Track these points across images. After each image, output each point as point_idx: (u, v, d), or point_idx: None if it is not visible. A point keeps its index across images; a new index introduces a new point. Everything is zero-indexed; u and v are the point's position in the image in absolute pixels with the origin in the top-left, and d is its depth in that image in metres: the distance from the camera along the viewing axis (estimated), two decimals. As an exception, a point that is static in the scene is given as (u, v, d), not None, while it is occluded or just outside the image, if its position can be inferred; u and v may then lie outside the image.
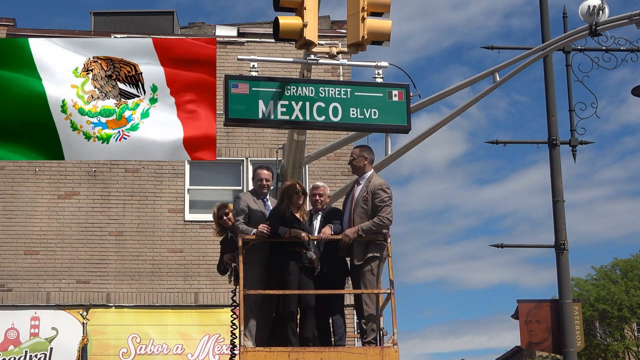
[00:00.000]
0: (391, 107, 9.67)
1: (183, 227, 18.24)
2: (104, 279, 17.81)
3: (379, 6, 9.62)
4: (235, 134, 18.47)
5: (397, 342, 9.06)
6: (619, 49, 16.60)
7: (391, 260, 9.46)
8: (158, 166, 18.43)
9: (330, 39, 17.84)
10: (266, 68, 15.37)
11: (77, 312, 17.46)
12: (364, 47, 9.63)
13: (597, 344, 42.27)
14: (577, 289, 42.30)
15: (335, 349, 9.23)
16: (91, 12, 21.61)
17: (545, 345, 17.89)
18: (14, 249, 17.82)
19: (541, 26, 17.91)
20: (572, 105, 17.89)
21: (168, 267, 18.00)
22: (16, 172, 18.16)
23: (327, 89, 9.59)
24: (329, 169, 18.58)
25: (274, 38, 9.60)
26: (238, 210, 9.89)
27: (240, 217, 9.82)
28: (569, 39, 13.22)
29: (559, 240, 17.35)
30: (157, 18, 21.76)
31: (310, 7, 9.36)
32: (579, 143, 17.84)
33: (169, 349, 17.54)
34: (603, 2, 12.89)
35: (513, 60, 12.67)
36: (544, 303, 17.98)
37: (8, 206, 18.05)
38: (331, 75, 18.24)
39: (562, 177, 17.57)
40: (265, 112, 9.39)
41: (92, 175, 18.32)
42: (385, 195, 9.63)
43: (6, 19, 18.59)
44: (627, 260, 43.22)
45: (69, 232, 17.98)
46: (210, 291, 17.89)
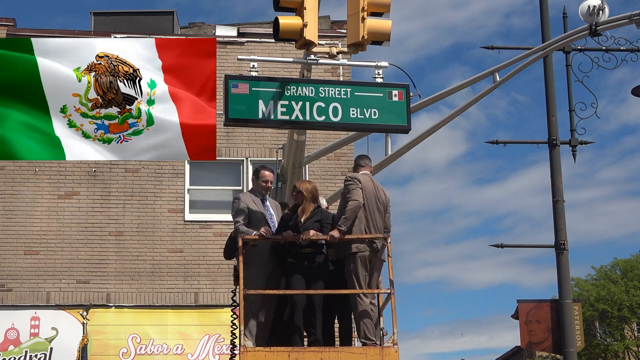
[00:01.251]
0: (391, 107, 9.67)
1: (183, 227, 18.24)
2: (104, 279, 17.81)
3: (379, 6, 9.63)
4: (235, 134, 18.47)
5: (397, 342, 9.06)
6: (619, 49, 16.62)
7: (391, 260, 9.45)
8: (158, 166, 18.43)
9: (330, 39, 17.85)
10: (266, 68, 15.37)
11: (77, 312, 17.46)
12: (364, 47, 9.64)
13: (597, 344, 42.26)
14: (577, 289, 42.30)
15: (335, 348, 9.23)
16: (91, 12, 21.62)
17: (545, 345, 17.90)
18: (14, 249, 17.82)
19: (541, 26, 17.92)
20: (572, 105, 17.91)
21: (168, 267, 18.00)
22: (16, 172, 18.16)
23: (327, 89, 9.60)
24: (329, 169, 18.58)
25: (274, 38, 9.62)
26: (237, 211, 9.87)
27: (240, 217, 9.81)
28: (569, 39, 13.23)
29: (559, 240, 17.36)
30: (157, 18, 21.76)
31: (310, 7, 9.37)
32: (579, 143, 17.85)
33: (169, 349, 17.54)
34: (603, 2, 12.90)
35: (513, 60, 12.69)
36: (544, 303, 17.99)
37: (8, 206, 18.05)
38: (331, 75, 18.24)
39: (562, 177, 17.58)
40: (265, 112, 9.40)
41: (92, 175, 18.33)
42: (347, 182, 9.62)
43: (6, 19, 18.60)
44: (627, 260, 43.21)
45: (69, 232, 17.98)
46: (210, 291, 17.89)
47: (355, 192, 9.52)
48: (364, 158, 10.21)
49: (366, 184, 9.66)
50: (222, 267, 17.85)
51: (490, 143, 18.43)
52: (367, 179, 9.81)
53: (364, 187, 9.60)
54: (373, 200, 9.64)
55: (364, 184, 9.64)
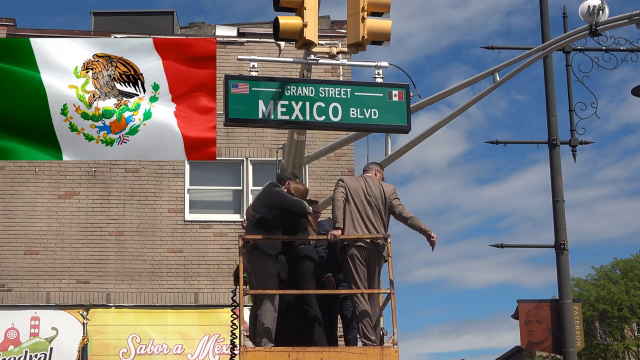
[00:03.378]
0: (391, 107, 9.67)
1: (183, 227, 18.24)
2: (104, 279, 17.81)
3: (379, 6, 9.63)
4: (235, 134, 18.48)
5: (397, 342, 9.06)
6: (619, 49, 16.60)
7: (391, 260, 9.45)
8: (158, 166, 18.44)
9: (330, 39, 17.86)
10: (266, 68, 15.38)
11: (77, 312, 17.46)
12: (364, 47, 9.64)
13: (597, 344, 42.26)
14: (577, 289, 42.30)
15: (335, 348, 9.23)
16: (91, 12, 21.61)
17: (545, 345, 17.90)
18: (14, 249, 17.83)
19: (541, 26, 17.91)
20: (572, 105, 17.89)
21: (168, 267, 18.00)
22: (16, 172, 18.17)
23: (327, 89, 9.60)
24: (329, 169, 18.58)
25: (274, 38, 9.61)
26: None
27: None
28: (569, 39, 13.22)
29: (559, 240, 17.35)
30: (157, 18, 21.76)
31: (310, 7, 9.37)
32: (579, 143, 17.84)
33: (169, 349, 17.54)
34: (603, 2, 12.89)
35: (513, 60, 12.68)
36: (544, 303, 17.98)
37: (8, 206, 18.05)
38: (331, 75, 18.24)
39: (562, 177, 17.58)
40: (265, 112, 9.40)
41: (92, 175, 18.33)
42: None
43: (6, 19, 18.60)
44: (627, 260, 43.22)
45: (69, 232, 17.98)
46: (210, 291, 17.89)
47: (336, 192, 9.70)
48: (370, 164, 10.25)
49: (351, 182, 9.75)
50: (222, 267, 17.87)
51: (490, 143, 18.42)
52: (354, 178, 9.97)
53: (348, 185, 9.69)
54: (361, 196, 9.66)
55: (347, 182, 9.75)
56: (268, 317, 9.31)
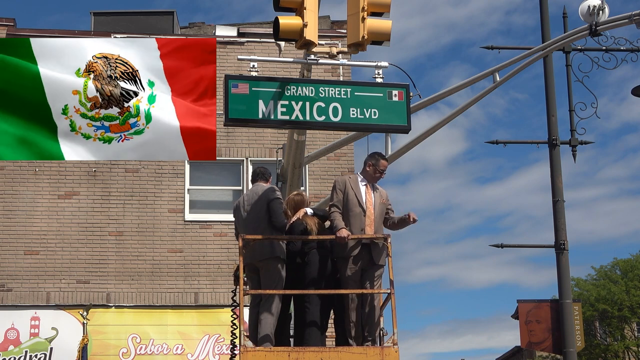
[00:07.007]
0: (391, 107, 9.67)
1: (183, 227, 18.25)
2: (104, 279, 17.82)
3: (379, 6, 9.62)
4: (235, 134, 18.48)
5: (397, 342, 9.07)
6: (619, 49, 16.62)
7: (391, 260, 9.46)
8: (158, 166, 18.44)
9: (330, 39, 17.86)
10: (266, 68, 15.38)
11: (77, 312, 17.45)
12: (364, 47, 9.63)
13: (597, 344, 42.27)
14: (577, 289, 42.32)
15: (335, 348, 9.23)
16: (91, 12, 21.61)
17: (545, 345, 17.91)
18: (14, 249, 17.83)
19: (541, 26, 17.92)
20: (572, 105, 17.91)
21: (168, 267, 18.01)
22: (16, 172, 18.17)
23: (327, 89, 9.59)
24: (329, 169, 18.59)
25: (274, 38, 9.61)
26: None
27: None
28: (569, 39, 13.24)
29: (559, 240, 17.36)
30: (157, 18, 21.77)
31: (310, 7, 9.36)
32: (579, 143, 17.86)
33: (169, 349, 17.55)
34: (603, 2, 12.90)
35: (513, 60, 12.70)
36: (544, 303, 18.00)
37: (8, 206, 18.06)
38: (331, 75, 18.24)
39: (562, 177, 17.59)
40: (265, 112, 9.39)
41: (92, 175, 18.33)
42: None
43: (6, 19, 18.60)
44: (627, 260, 43.24)
45: (69, 232, 17.99)
46: (210, 291, 17.90)
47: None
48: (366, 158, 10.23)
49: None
50: (222, 267, 17.88)
51: (491, 143, 18.43)
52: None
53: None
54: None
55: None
56: (270, 319, 9.38)
